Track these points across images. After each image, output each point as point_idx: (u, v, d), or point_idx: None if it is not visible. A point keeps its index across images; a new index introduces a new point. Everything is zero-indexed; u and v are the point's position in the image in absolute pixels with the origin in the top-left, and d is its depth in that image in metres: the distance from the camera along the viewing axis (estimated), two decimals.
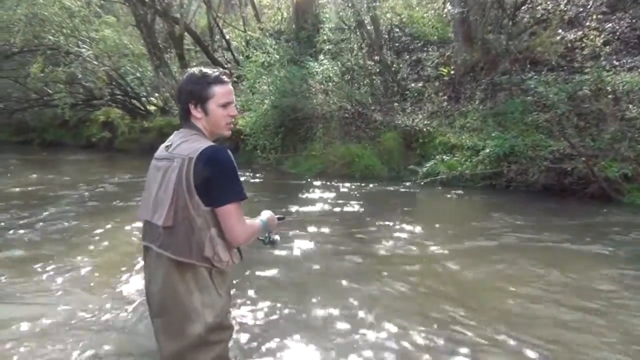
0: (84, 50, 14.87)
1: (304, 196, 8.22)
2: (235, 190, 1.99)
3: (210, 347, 2.04)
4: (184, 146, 2.01)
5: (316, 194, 8.36)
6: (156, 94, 16.32)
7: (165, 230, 2.00)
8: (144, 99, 16.38)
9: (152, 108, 16.14)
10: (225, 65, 16.46)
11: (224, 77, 2.11)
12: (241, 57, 15.22)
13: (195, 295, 2.00)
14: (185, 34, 14.95)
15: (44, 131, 18.05)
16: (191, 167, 1.93)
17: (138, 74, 15.87)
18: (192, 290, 2.00)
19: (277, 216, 2.44)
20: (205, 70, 2.11)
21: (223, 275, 2.10)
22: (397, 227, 6.18)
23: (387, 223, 6.36)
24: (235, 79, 13.40)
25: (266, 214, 2.35)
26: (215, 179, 1.94)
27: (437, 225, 6.31)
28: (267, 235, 2.36)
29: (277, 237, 2.43)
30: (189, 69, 2.16)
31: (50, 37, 14.67)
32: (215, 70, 2.12)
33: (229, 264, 2.06)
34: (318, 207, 7.29)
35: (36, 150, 16.45)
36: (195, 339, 1.99)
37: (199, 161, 1.93)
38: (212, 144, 2.02)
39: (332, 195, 8.21)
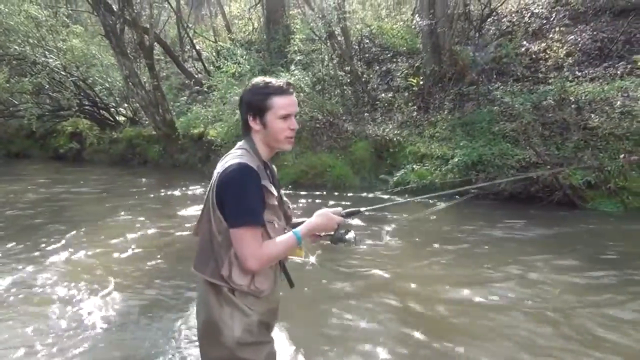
0: (51, 60, 14.62)
1: None
2: (245, 213, 1.87)
3: None
4: (224, 160, 2.01)
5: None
6: (125, 105, 16.13)
7: (198, 242, 2.06)
8: (113, 109, 16.17)
9: (121, 119, 15.94)
10: (196, 76, 16.42)
11: (288, 87, 2.02)
12: (212, 68, 15.17)
13: (224, 308, 1.96)
14: (155, 44, 14.83)
15: (10, 143, 17.56)
16: (215, 183, 1.93)
17: (107, 84, 15.66)
18: (221, 304, 1.97)
19: (345, 211, 2.18)
20: (268, 80, 2.02)
21: (256, 298, 2.00)
22: (367, 238, 6.23)
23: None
24: (205, 90, 13.34)
25: (311, 222, 2.06)
26: (225, 198, 1.90)
27: (405, 235, 6.38)
28: (336, 231, 2.09)
29: (350, 236, 2.09)
30: (254, 79, 2.07)
31: (16, 47, 14.38)
32: (280, 80, 2.03)
33: (251, 289, 1.95)
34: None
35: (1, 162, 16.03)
36: (225, 352, 1.96)
37: (219, 178, 1.92)
38: (240, 161, 1.91)
39: (304, 205, 8.22)
